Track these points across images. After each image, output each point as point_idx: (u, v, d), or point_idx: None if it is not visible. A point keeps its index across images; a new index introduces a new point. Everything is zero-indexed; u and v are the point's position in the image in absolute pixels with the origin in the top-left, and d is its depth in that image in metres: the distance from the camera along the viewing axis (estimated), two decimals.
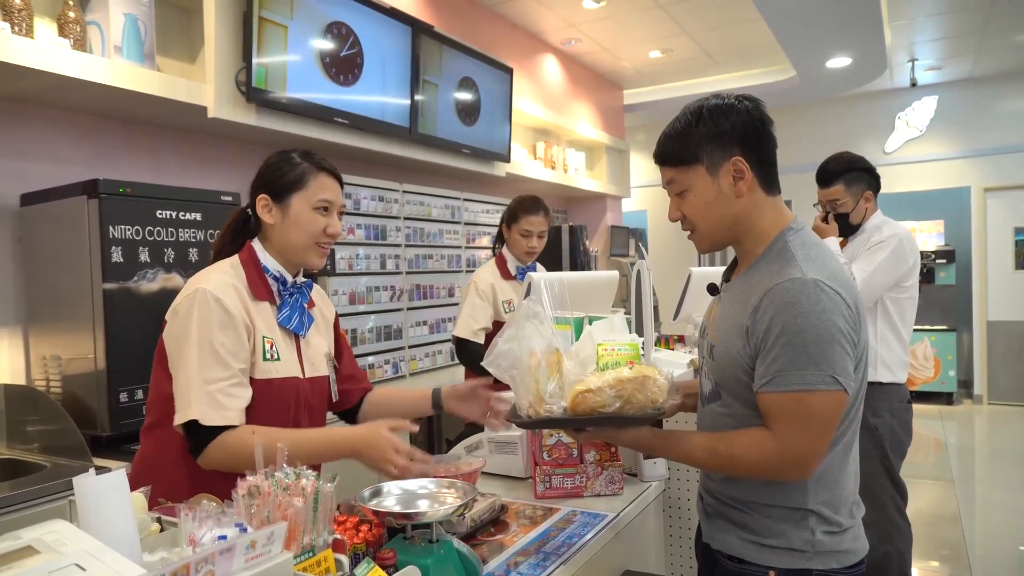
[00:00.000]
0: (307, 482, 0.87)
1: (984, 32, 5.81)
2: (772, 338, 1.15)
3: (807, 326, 1.13)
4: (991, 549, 3.65)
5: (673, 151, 1.29)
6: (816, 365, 1.12)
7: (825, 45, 5.27)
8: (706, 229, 1.30)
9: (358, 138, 3.33)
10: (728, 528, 1.28)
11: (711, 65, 6.29)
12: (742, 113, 1.25)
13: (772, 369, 1.15)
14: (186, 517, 0.81)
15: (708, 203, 1.27)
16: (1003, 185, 7.13)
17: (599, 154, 6.37)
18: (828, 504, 1.21)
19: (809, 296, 1.14)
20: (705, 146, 1.25)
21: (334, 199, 1.52)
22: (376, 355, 3.46)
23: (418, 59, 3.63)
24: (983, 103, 7.17)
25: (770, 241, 1.26)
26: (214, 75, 2.62)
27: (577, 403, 1.17)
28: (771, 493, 1.22)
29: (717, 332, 1.28)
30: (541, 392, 1.18)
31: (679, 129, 1.28)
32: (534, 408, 1.19)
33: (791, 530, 1.21)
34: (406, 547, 1.10)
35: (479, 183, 4.71)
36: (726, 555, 1.27)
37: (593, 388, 1.15)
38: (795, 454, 1.15)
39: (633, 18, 5.11)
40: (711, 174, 1.25)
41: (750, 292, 1.22)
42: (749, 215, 1.27)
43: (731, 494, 1.28)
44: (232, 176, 3.16)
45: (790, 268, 1.19)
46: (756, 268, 1.26)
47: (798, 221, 1.29)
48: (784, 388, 1.13)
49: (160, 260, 2.25)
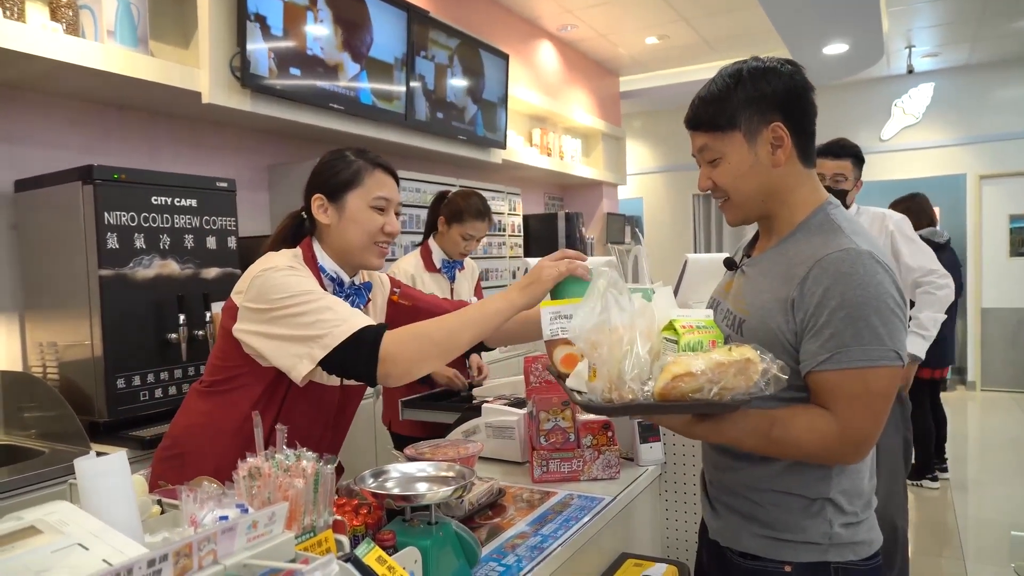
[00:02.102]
0: (307, 464, 0.88)
1: (981, 19, 5.80)
2: (827, 311, 1.07)
3: (867, 298, 1.06)
4: (984, 534, 3.69)
5: (708, 115, 1.19)
6: (879, 339, 1.05)
7: (822, 31, 5.26)
8: (739, 199, 1.21)
9: (353, 124, 3.31)
10: (740, 524, 1.23)
11: (708, 52, 6.27)
12: (784, 77, 1.17)
13: (831, 345, 1.06)
14: (187, 498, 0.82)
15: (743, 172, 1.18)
16: (999, 172, 7.14)
17: (595, 141, 6.36)
18: (846, 493, 1.16)
19: (866, 267, 1.07)
20: (743, 111, 1.16)
21: (391, 196, 1.49)
22: None
23: (413, 45, 3.60)
24: (980, 90, 7.17)
25: (808, 214, 1.19)
26: (208, 60, 2.60)
27: (669, 389, 1.01)
28: (790, 481, 1.17)
29: (748, 307, 1.19)
30: (623, 374, 1.03)
31: (716, 92, 1.19)
32: (617, 392, 1.03)
33: (807, 522, 1.16)
34: (405, 529, 1.11)
35: (475, 170, 4.70)
36: (738, 552, 1.22)
37: (695, 372, 1.00)
38: (858, 436, 1.08)
39: (630, 4, 5.09)
40: (748, 141, 1.17)
41: (791, 264, 1.15)
42: (786, 186, 1.19)
43: (746, 482, 1.22)
44: (227, 162, 3.15)
45: (839, 239, 1.12)
46: (793, 240, 1.19)
47: (833, 199, 1.23)
48: (846, 365, 1.06)
49: (156, 246, 2.24)
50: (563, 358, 1.24)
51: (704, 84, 1.24)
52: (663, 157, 8.78)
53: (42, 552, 0.69)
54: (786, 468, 1.17)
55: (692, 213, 8.68)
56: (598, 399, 1.04)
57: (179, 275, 2.29)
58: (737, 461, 1.23)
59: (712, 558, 1.32)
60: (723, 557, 1.26)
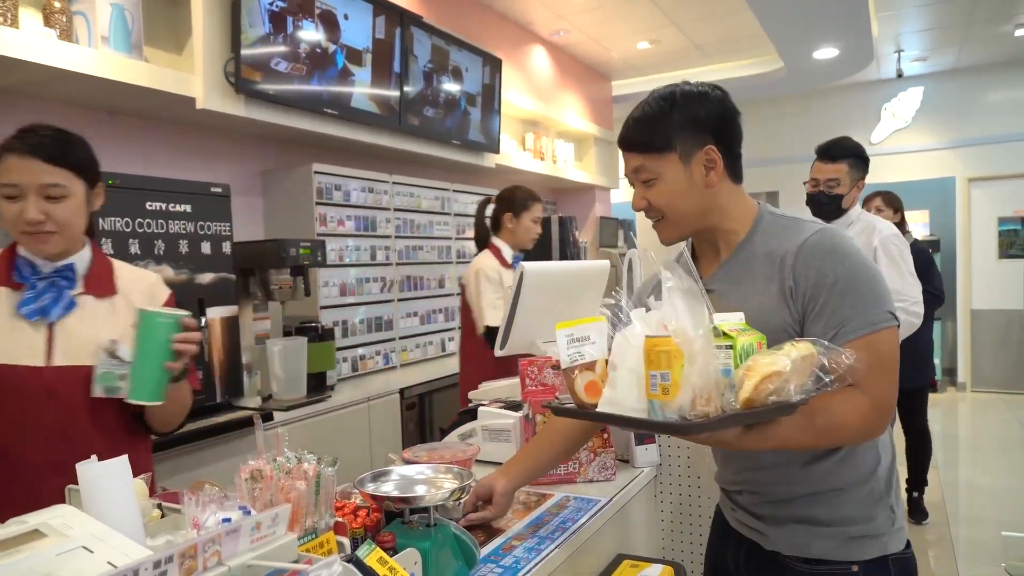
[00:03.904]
0: (309, 466, 0.89)
1: (969, 23, 5.86)
2: (825, 289, 1.11)
3: (855, 267, 1.12)
4: (975, 535, 3.71)
5: (644, 137, 1.22)
6: (874, 304, 1.10)
7: (812, 36, 5.30)
8: (675, 218, 1.25)
9: (347, 129, 3.32)
10: (807, 531, 1.20)
11: (699, 56, 6.31)
12: (715, 102, 1.22)
13: (835, 320, 1.10)
14: (189, 501, 0.82)
15: (678, 192, 1.22)
16: (987, 175, 7.21)
17: (588, 145, 6.38)
18: (889, 471, 1.20)
19: (844, 241, 1.15)
20: (679, 133, 1.20)
21: (21, 180, 1.36)
22: (367, 346, 3.46)
23: (406, 50, 3.62)
24: (968, 94, 7.24)
25: (753, 220, 1.25)
26: (202, 66, 2.61)
27: (759, 391, 0.94)
28: (848, 474, 1.17)
29: None
30: (717, 384, 0.95)
31: (650, 114, 1.22)
32: (712, 403, 0.94)
33: (874, 510, 1.17)
34: (404, 531, 1.12)
35: (469, 174, 4.71)
36: (803, 559, 1.20)
37: (782, 370, 0.93)
38: (885, 403, 1.11)
39: (621, 9, 5.12)
40: (683, 162, 1.20)
41: (770, 260, 1.18)
42: (719, 203, 1.24)
43: (804, 491, 1.20)
44: (222, 167, 3.15)
45: (804, 225, 1.19)
46: (753, 243, 1.23)
47: (764, 203, 1.29)
48: (852, 336, 1.08)
49: (150, 252, 2.24)
50: (587, 386, 1.13)
51: (636, 106, 1.26)
52: None
53: (47, 555, 0.70)
54: (839, 463, 1.18)
55: None
56: (681, 416, 0.94)
57: (173, 281, 2.29)
58: (788, 471, 1.22)
59: (763, 570, 1.28)
60: (782, 567, 1.23)
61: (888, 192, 4.02)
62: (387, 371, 3.58)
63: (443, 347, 4.04)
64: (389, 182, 3.65)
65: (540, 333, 2.05)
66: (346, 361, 3.32)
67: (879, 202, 3.95)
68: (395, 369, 3.64)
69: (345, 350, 3.31)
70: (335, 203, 3.30)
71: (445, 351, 4.05)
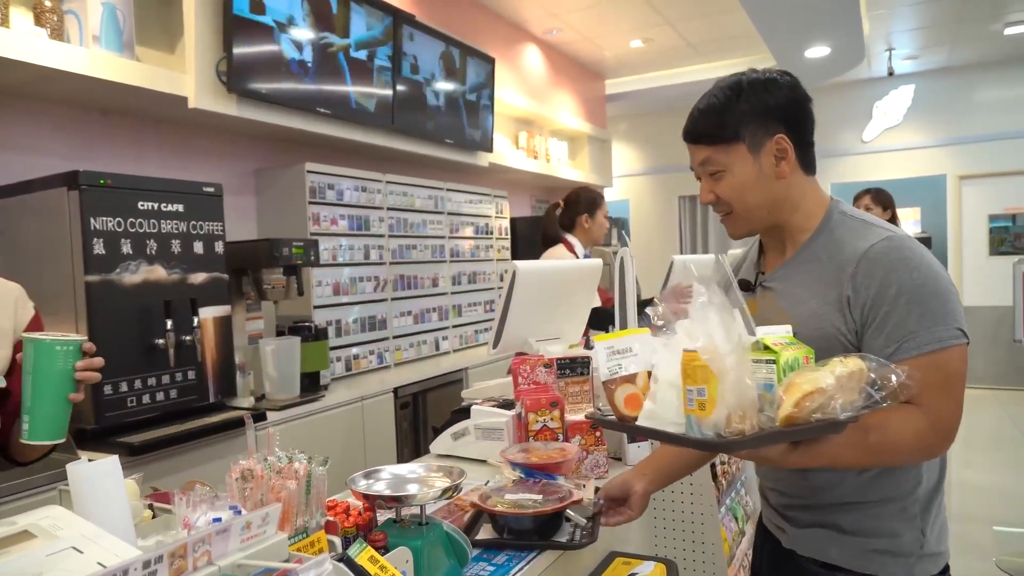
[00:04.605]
0: (300, 465, 0.89)
1: (959, 22, 5.89)
2: (888, 300, 1.05)
3: (924, 279, 1.05)
4: (967, 530, 3.74)
5: (710, 128, 1.17)
6: (943, 320, 1.03)
7: (804, 35, 5.32)
8: (744, 212, 1.19)
9: (341, 128, 3.32)
10: (827, 536, 1.19)
11: (692, 55, 6.32)
12: (785, 88, 1.17)
13: (897, 335, 1.04)
14: (180, 501, 0.82)
15: (748, 184, 1.16)
16: (977, 173, 7.25)
17: (581, 144, 6.39)
18: (931, 492, 1.14)
19: (913, 251, 1.07)
20: (747, 123, 1.15)
21: None
22: (360, 346, 3.46)
23: (400, 49, 3.62)
24: (958, 92, 7.28)
25: (822, 217, 1.19)
26: (194, 65, 2.60)
27: (800, 408, 0.90)
28: (884, 487, 1.13)
29: (794, 319, 1.11)
30: (753, 401, 0.93)
31: (716, 104, 1.17)
32: (748, 420, 0.92)
33: (902, 526, 1.13)
34: (397, 529, 1.12)
35: (462, 173, 4.71)
36: (821, 563, 1.18)
37: (825, 387, 0.90)
38: (946, 424, 1.04)
39: (615, 7, 5.12)
40: (752, 153, 1.16)
41: (831, 264, 1.13)
42: (790, 196, 1.18)
43: (836, 500, 1.17)
44: (214, 167, 3.14)
45: (873, 230, 1.13)
46: (818, 244, 1.18)
47: (836, 197, 1.24)
48: (916, 352, 1.03)
49: (143, 252, 2.23)
50: (627, 398, 1.11)
51: (701, 96, 1.22)
52: (649, 159, 8.83)
53: (37, 556, 0.70)
54: (874, 477, 1.15)
55: (678, 215, 8.74)
56: (716, 433, 0.92)
57: (166, 280, 2.29)
58: (820, 478, 1.19)
59: (779, 568, 1.29)
60: (798, 568, 1.23)
61: (878, 189, 4.04)
62: (381, 370, 3.58)
63: (437, 346, 4.04)
64: (382, 181, 3.65)
65: (533, 331, 2.06)
66: (339, 360, 3.32)
67: (868, 200, 3.97)
68: (389, 368, 3.64)
69: (338, 349, 3.31)
70: (328, 202, 3.29)
71: (439, 350, 4.05)
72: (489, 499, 1.32)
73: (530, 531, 1.28)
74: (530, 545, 1.29)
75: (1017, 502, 4.01)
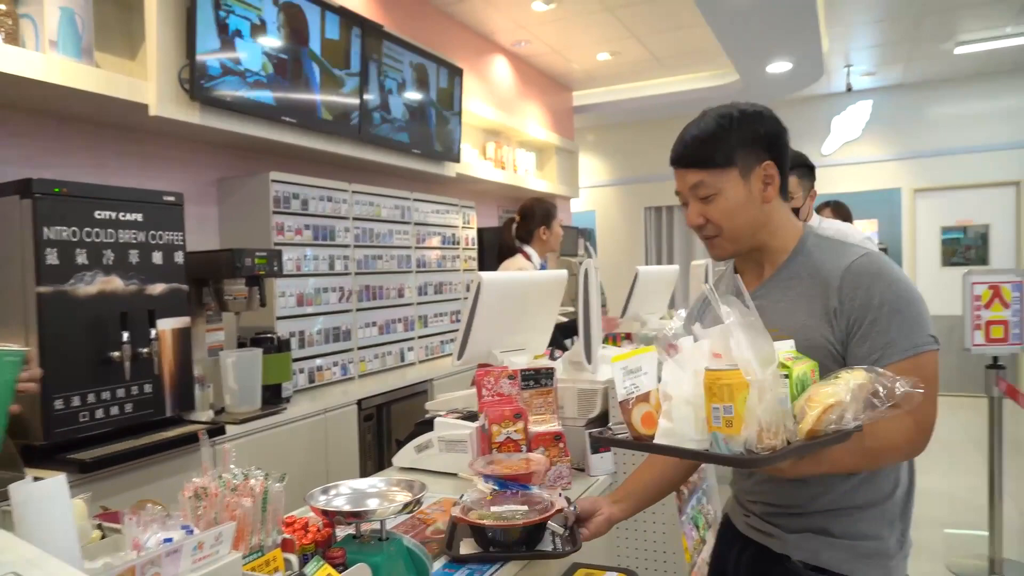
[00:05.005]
0: (256, 482, 0.88)
1: (913, 40, 6.09)
2: (873, 310, 1.15)
3: (901, 291, 1.16)
4: (919, 536, 3.83)
5: (705, 154, 1.26)
6: (918, 327, 1.15)
7: (766, 50, 5.44)
8: (731, 233, 1.28)
9: (306, 138, 3.29)
10: (819, 541, 1.25)
11: (658, 68, 6.42)
12: (770, 121, 1.29)
13: (881, 341, 1.14)
14: (130, 521, 0.81)
15: (738, 207, 1.26)
16: (931, 186, 7.49)
17: (549, 155, 6.43)
18: (909, 494, 1.25)
19: (890, 265, 1.20)
20: (740, 150, 1.25)
21: None
22: (324, 357, 3.42)
23: (367, 58, 3.61)
24: (914, 108, 7.52)
25: (798, 239, 1.30)
26: (156, 72, 2.56)
27: (821, 421, 0.95)
28: (869, 492, 1.22)
29: (784, 332, 1.16)
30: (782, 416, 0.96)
31: (711, 132, 1.26)
32: (778, 436, 0.95)
33: (886, 530, 1.22)
34: (356, 545, 1.11)
35: (429, 183, 4.71)
36: (812, 566, 1.25)
37: (844, 400, 0.95)
38: (928, 423, 1.14)
39: (582, 21, 5.18)
40: (743, 178, 1.25)
41: (815, 280, 1.23)
42: (772, 220, 1.29)
43: (825, 506, 1.24)
44: (176, 175, 3.09)
45: (849, 248, 1.24)
46: (798, 263, 1.28)
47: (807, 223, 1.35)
48: (898, 357, 1.13)
49: (98, 262, 2.18)
50: (644, 417, 1.14)
51: (693, 123, 1.30)
52: (615, 170, 8.92)
53: None
54: (859, 483, 1.23)
55: (644, 225, 8.84)
56: (748, 449, 0.95)
57: (123, 292, 2.23)
58: (808, 488, 1.25)
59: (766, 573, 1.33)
60: (788, 572, 1.28)
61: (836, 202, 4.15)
62: (345, 382, 3.54)
63: (402, 357, 4.01)
64: (348, 191, 3.63)
65: (497, 343, 2.06)
66: (303, 372, 3.28)
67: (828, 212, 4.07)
68: (353, 380, 3.60)
69: (302, 361, 3.27)
70: (293, 212, 3.26)
71: (404, 361, 4.03)
72: (471, 512, 1.31)
73: (518, 542, 1.28)
74: (519, 556, 1.29)
75: (967, 506, 4.12)
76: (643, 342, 3.12)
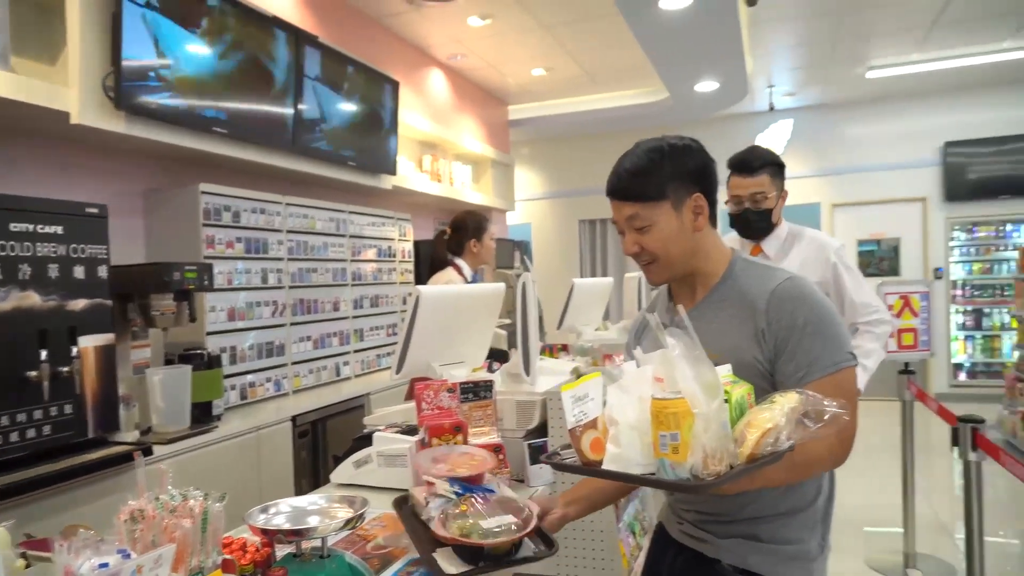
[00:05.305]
0: (195, 503, 0.86)
1: (830, 64, 6.44)
2: (798, 331, 1.23)
3: (822, 312, 1.25)
4: (842, 534, 4.01)
5: (640, 187, 1.32)
6: (838, 345, 1.24)
7: (694, 70, 5.65)
8: (667, 261, 1.35)
9: (238, 149, 3.22)
10: (748, 546, 1.32)
11: (591, 85, 6.57)
12: (698, 154, 1.36)
13: (806, 360, 1.22)
14: (60, 549, 0.78)
15: (671, 237, 1.33)
16: (848, 201, 7.93)
17: (485, 168, 6.47)
18: (829, 501, 1.35)
19: (811, 288, 1.28)
20: (670, 183, 1.31)
21: None
22: (256, 373, 3.34)
23: (302, 69, 3.56)
24: (831, 127, 7.94)
25: (727, 264, 1.38)
26: (78, 79, 2.46)
27: (759, 445, 1.01)
28: (793, 499, 1.30)
29: (716, 351, 1.19)
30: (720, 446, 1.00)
31: (643, 166, 1.32)
32: (723, 462, 1.00)
33: (807, 534, 1.31)
34: (297, 564, 1.10)
35: (365, 195, 4.67)
36: (741, 570, 1.32)
37: (780, 424, 1.01)
38: (850, 434, 1.22)
39: (517, 37, 5.26)
40: (675, 210, 1.32)
41: (743, 303, 1.30)
42: (703, 246, 1.37)
43: (752, 514, 1.31)
44: (99, 186, 2.97)
45: (774, 272, 1.33)
46: (726, 287, 1.36)
47: (736, 249, 1.43)
48: (821, 374, 1.21)
49: (13, 277, 2.07)
50: (592, 443, 1.17)
51: (626, 156, 1.36)
52: (550, 183, 9.05)
53: None
54: (784, 491, 1.30)
55: (578, 238, 8.99)
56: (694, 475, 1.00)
57: (41, 308, 2.13)
58: (738, 497, 1.30)
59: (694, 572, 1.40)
60: (720, 574, 1.34)
61: None
62: (278, 398, 3.47)
63: (337, 372, 3.95)
64: (282, 203, 3.56)
65: (436, 356, 2.07)
66: (234, 389, 3.19)
67: None
68: (287, 396, 3.53)
69: (233, 377, 3.18)
70: (224, 224, 3.18)
71: (339, 376, 3.97)
72: (451, 526, 1.23)
73: (508, 552, 1.25)
74: (510, 564, 1.27)
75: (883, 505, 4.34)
76: (579, 353, 3.18)
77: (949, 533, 3.95)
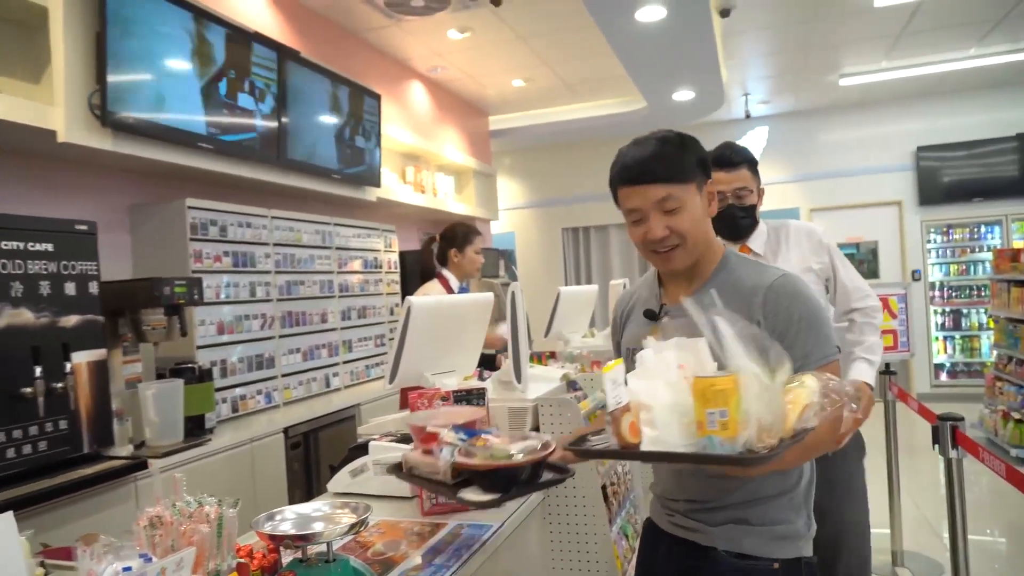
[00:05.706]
0: (210, 508, 0.89)
1: (803, 72, 6.58)
2: (794, 325, 1.30)
3: (814, 309, 1.33)
4: None
5: (671, 168, 1.35)
6: (827, 339, 1.32)
7: (671, 79, 5.74)
8: (692, 244, 1.38)
9: (223, 164, 3.24)
10: (741, 530, 1.37)
11: (570, 95, 6.65)
12: (701, 147, 1.43)
13: (801, 353, 1.28)
14: (83, 554, 0.81)
15: (698, 219, 1.38)
16: (825, 206, 8.07)
17: (467, 178, 6.52)
18: (810, 484, 1.40)
19: (804, 285, 1.36)
20: (693, 168, 1.37)
21: None
22: (247, 385, 3.35)
23: (285, 84, 3.60)
24: (806, 134, 8.10)
25: (721, 257, 1.43)
26: (64, 97, 2.48)
27: (801, 421, 1.06)
28: (778, 483, 1.36)
29: None
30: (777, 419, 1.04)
31: (667, 151, 1.36)
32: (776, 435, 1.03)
33: (794, 515, 1.37)
34: (303, 569, 1.13)
35: (350, 208, 4.70)
36: (735, 554, 1.36)
37: (816, 401, 1.06)
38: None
39: (496, 49, 5.33)
40: (699, 192, 1.38)
41: (739, 296, 1.35)
42: (711, 234, 1.43)
43: (743, 497, 1.36)
44: (88, 203, 2.98)
45: (768, 269, 1.39)
46: (721, 278, 1.40)
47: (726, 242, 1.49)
48: (814, 365, 1.28)
49: (6, 295, 2.09)
50: (631, 426, 1.17)
51: (639, 146, 1.37)
52: (533, 192, 9.12)
53: None
54: (769, 475, 1.34)
55: (562, 246, 9.06)
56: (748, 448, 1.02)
57: (34, 325, 2.14)
58: (727, 483, 1.37)
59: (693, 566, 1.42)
60: (715, 561, 1.38)
61: None
62: (269, 410, 3.48)
63: (327, 383, 3.97)
64: (268, 217, 3.58)
65: (428, 365, 2.10)
66: (225, 402, 3.20)
67: None
68: (278, 408, 3.54)
69: (224, 390, 3.19)
70: (211, 239, 3.19)
71: (329, 387, 3.98)
72: (475, 457, 1.25)
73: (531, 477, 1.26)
74: (539, 487, 1.31)
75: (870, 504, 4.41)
76: (567, 360, 3.23)
77: (936, 531, 4.02)
